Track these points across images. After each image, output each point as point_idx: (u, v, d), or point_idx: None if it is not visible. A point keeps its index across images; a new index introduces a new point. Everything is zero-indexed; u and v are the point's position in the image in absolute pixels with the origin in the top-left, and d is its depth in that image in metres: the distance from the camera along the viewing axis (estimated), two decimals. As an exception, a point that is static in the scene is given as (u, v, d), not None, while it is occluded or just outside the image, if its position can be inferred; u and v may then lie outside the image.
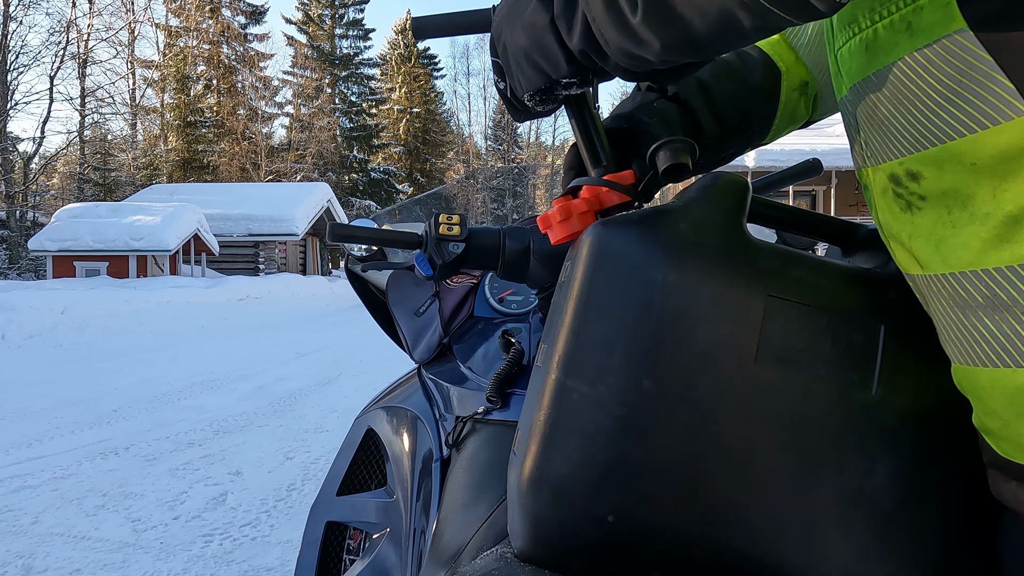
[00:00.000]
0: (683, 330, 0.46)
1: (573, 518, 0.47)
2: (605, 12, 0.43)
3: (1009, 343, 0.38)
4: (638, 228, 0.49)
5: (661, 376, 0.46)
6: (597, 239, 0.49)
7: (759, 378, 0.47)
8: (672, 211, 0.50)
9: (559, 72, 0.49)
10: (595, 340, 0.47)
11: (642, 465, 0.46)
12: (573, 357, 0.48)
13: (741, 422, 0.46)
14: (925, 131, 0.40)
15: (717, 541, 0.46)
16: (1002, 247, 0.38)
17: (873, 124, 0.45)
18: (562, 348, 0.48)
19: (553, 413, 0.47)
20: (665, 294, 0.47)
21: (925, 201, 0.42)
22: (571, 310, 0.49)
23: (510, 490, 0.51)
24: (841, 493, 0.47)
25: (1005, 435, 0.41)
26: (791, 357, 0.47)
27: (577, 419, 0.47)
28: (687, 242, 0.48)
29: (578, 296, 0.49)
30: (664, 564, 0.47)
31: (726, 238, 0.49)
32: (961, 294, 0.41)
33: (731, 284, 0.47)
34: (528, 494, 0.48)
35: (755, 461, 0.46)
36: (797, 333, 0.48)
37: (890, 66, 0.42)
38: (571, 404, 0.47)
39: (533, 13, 0.49)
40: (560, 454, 0.47)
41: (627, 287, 0.47)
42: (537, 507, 0.47)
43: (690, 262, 0.47)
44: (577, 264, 0.50)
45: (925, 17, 0.39)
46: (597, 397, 0.47)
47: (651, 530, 0.46)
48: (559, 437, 0.47)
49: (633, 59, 0.45)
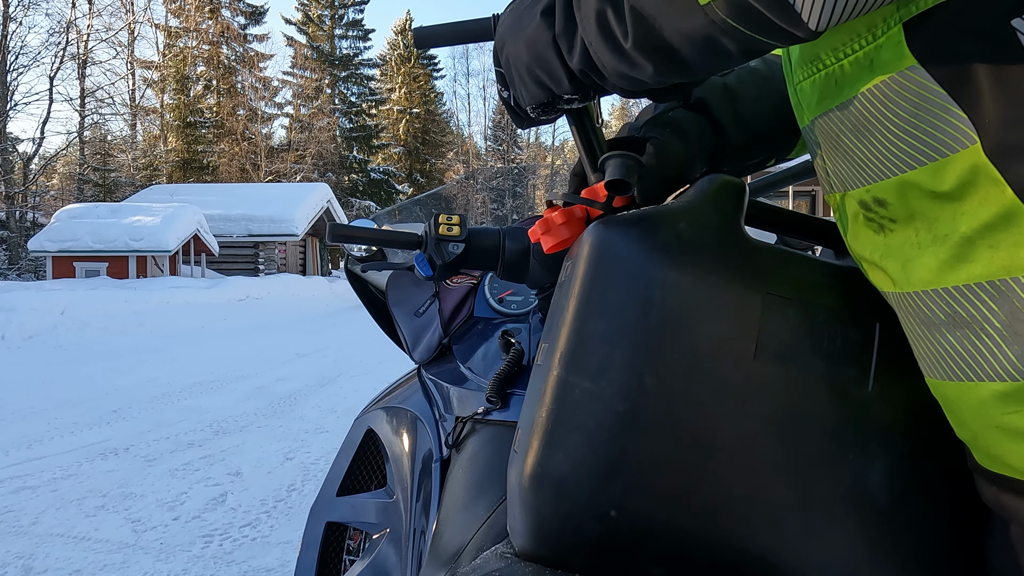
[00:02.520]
0: (683, 327, 0.47)
1: (575, 514, 0.47)
2: (599, 37, 0.44)
3: (971, 358, 0.40)
4: (638, 227, 0.49)
5: (662, 372, 0.46)
6: (598, 238, 0.50)
7: (758, 375, 0.47)
8: (671, 211, 0.50)
9: (561, 88, 0.51)
10: (596, 337, 0.48)
11: (643, 461, 0.46)
12: (575, 354, 0.48)
13: (740, 418, 0.47)
14: (887, 160, 0.42)
15: (716, 537, 0.47)
16: (959, 267, 0.39)
17: (838, 153, 0.46)
18: (564, 345, 0.49)
19: (555, 409, 0.48)
20: (665, 292, 0.47)
21: (896, 223, 0.43)
22: (572, 307, 0.49)
23: (511, 488, 0.51)
24: (838, 489, 0.48)
25: (976, 446, 0.43)
26: (789, 354, 0.48)
27: (579, 415, 0.47)
28: (686, 241, 0.49)
29: (579, 294, 0.49)
30: (664, 560, 0.47)
31: (724, 237, 0.50)
32: (926, 312, 0.42)
33: (730, 282, 0.48)
34: (530, 491, 0.48)
35: (753, 457, 0.47)
36: (795, 330, 0.48)
37: (852, 99, 0.43)
38: (573, 400, 0.47)
39: (536, 31, 0.50)
40: (562, 450, 0.47)
41: (628, 285, 0.48)
42: (539, 504, 0.47)
43: (689, 260, 0.48)
44: (578, 263, 0.50)
45: (883, 54, 0.40)
46: (599, 393, 0.47)
47: (652, 526, 0.46)
48: (561, 433, 0.47)
49: (629, 80, 0.46)
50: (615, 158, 0.54)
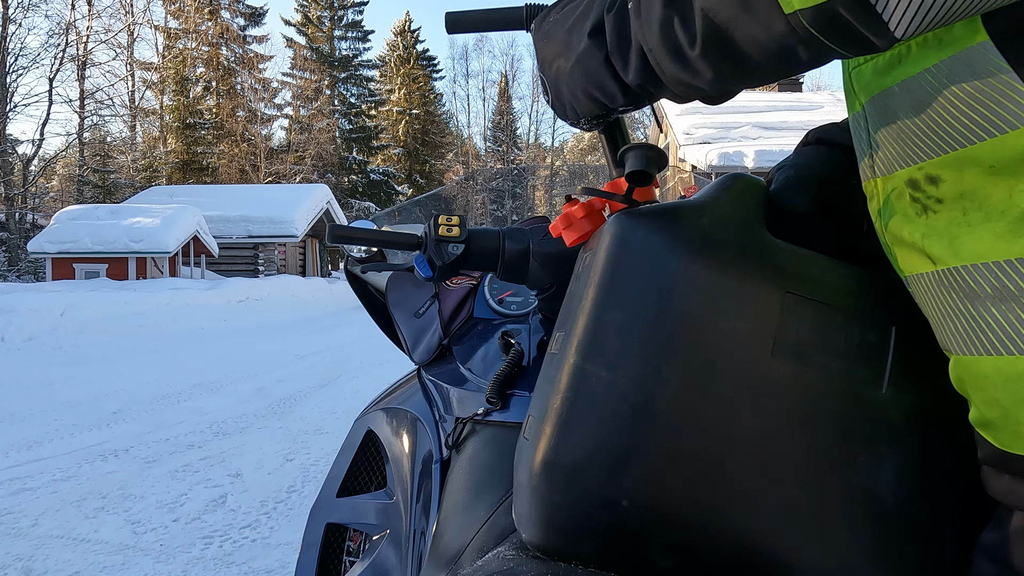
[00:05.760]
0: (702, 321, 0.47)
1: (586, 502, 0.46)
2: (662, 45, 0.45)
3: (1014, 331, 0.41)
4: (660, 220, 0.50)
5: (678, 365, 0.46)
6: (619, 229, 0.50)
7: (774, 372, 0.47)
8: (693, 206, 0.51)
9: (615, 103, 0.53)
10: (614, 326, 0.48)
11: (657, 451, 0.46)
12: (592, 342, 0.48)
13: (755, 413, 0.47)
14: (946, 136, 0.42)
15: (726, 530, 0.47)
16: (1014, 241, 0.40)
17: (891, 134, 0.47)
18: (581, 333, 0.48)
19: (570, 396, 0.47)
20: (685, 285, 0.47)
21: (942, 204, 0.44)
22: (591, 297, 0.49)
23: (519, 477, 0.51)
24: (847, 488, 0.48)
25: (1004, 424, 0.43)
26: (806, 353, 0.48)
27: (594, 403, 0.47)
28: (708, 237, 0.49)
29: (599, 283, 0.49)
30: (673, 550, 0.47)
31: (746, 235, 0.50)
32: (971, 285, 0.43)
33: (750, 279, 0.48)
34: (541, 478, 0.48)
35: (766, 452, 0.47)
36: (812, 330, 0.48)
37: (915, 76, 0.43)
38: (589, 388, 0.47)
39: (586, 52, 0.51)
40: (575, 437, 0.47)
41: (648, 276, 0.48)
42: (550, 491, 0.47)
43: (711, 255, 0.48)
44: (598, 253, 0.50)
45: (955, 31, 0.41)
46: (615, 382, 0.47)
47: (662, 517, 0.46)
48: (575, 420, 0.47)
49: (687, 87, 0.47)
50: (636, 150, 0.53)
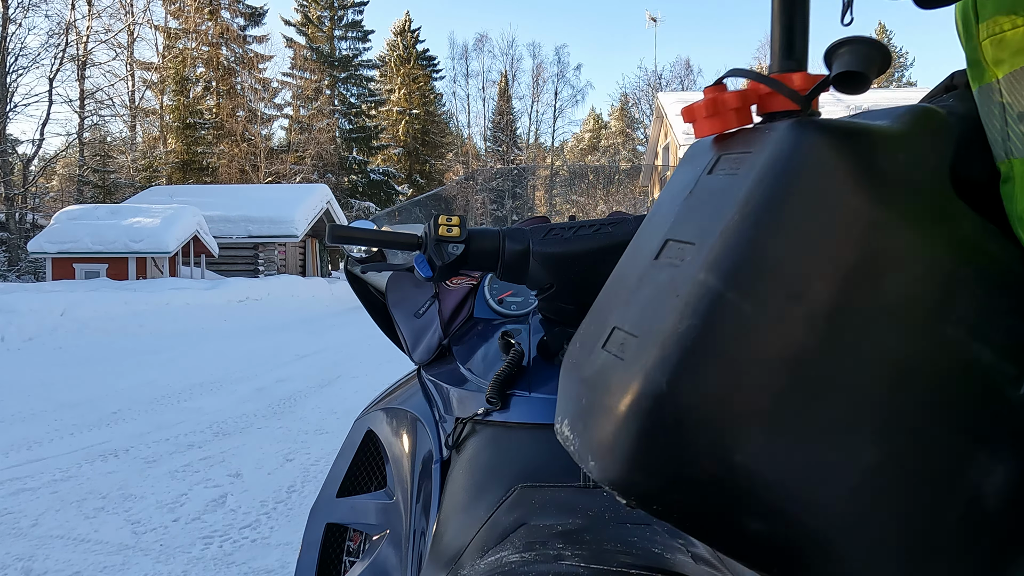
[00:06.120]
0: (875, 276, 0.41)
1: (693, 446, 0.40)
2: None
3: None
4: (855, 146, 0.42)
5: (839, 321, 0.40)
6: (799, 139, 0.42)
7: (929, 347, 0.43)
8: (890, 136, 0.44)
9: None
10: (771, 257, 0.40)
11: (793, 413, 0.40)
12: (739, 267, 0.40)
13: (891, 388, 0.42)
14: None
15: (826, 506, 0.42)
16: None
17: None
18: (722, 251, 0.41)
19: (701, 326, 0.40)
20: (871, 228, 0.40)
21: None
22: (744, 213, 0.41)
23: (598, 398, 0.44)
24: (958, 482, 0.44)
25: None
26: (964, 337, 0.43)
27: (732, 342, 0.39)
28: (904, 179, 0.42)
29: (758, 200, 0.41)
30: (766, 516, 0.41)
31: (937, 186, 0.44)
32: None
33: (932, 240, 0.42)
34: (644, 410, 0.40)
35: (893, 428, 0.42)
36: (979, 312, 0.44)
37: None
38: (727, 321, 0.40)
39: None
40: (700, 373, 0.40)
41: (824, 207, 0.40)
42: (651, 425, 0.40)
43: (904, 201, 0.42)
44: (759, 160, 0.43)
45: None
46: (763, 324, 0.39)
47: (770, 481, 0.40)
48: (705, 357, 0.40)
49: None
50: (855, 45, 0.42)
